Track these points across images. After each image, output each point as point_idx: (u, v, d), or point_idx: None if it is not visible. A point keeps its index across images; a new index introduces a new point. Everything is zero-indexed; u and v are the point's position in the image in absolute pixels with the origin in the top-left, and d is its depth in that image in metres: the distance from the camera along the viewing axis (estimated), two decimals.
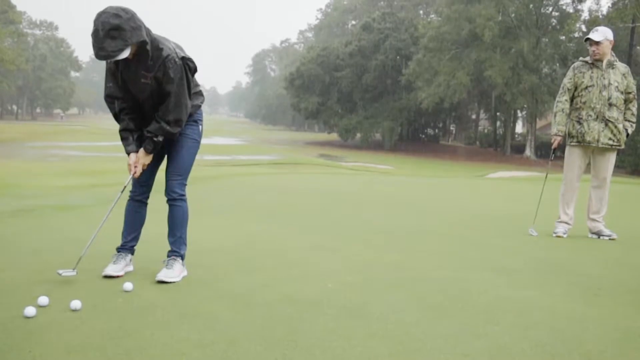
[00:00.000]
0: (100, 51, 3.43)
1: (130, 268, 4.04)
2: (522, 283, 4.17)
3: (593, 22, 48.45)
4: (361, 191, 11.24)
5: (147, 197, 4.09)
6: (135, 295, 3.53)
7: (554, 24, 56.01)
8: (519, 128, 70.56)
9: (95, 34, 3.42)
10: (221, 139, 58.41)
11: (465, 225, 6.99)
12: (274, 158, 33.79)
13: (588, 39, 6.42)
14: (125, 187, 3.99)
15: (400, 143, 62.10)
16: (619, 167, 47.55)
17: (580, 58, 6.66)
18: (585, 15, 56.02)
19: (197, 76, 4.00)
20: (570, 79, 6.49)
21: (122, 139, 3.89)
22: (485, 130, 71.50)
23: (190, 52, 3.93)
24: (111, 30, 3.40)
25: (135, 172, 3.86)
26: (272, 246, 5.21)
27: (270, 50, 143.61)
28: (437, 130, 73.16)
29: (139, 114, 3.88)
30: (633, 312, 3.58)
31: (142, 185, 4.04)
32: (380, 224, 6.84)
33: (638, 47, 57.64)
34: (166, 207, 4.03)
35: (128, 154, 3.87)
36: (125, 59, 3.62)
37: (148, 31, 3.62)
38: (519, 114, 64.23)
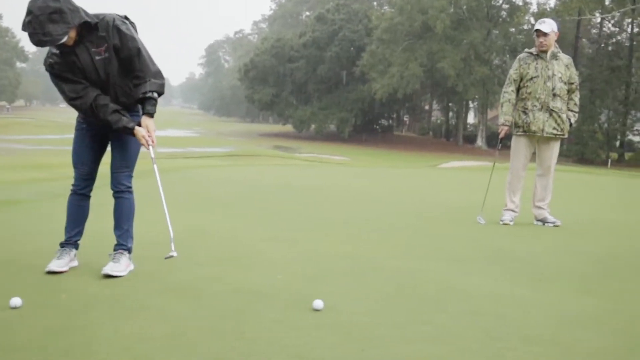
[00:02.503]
0: (44, 37, 3.35)
1: (75, 263, 3.96)
2: (469, 270, 4.26)
3: (541, 15, 49.49)
4: (316, 182, 11.25)
5: (90, 191, 4.00)
6: (80, 291, 3.45)
7: (504, 16, 57.08)
8: (471, 118, 71.72)
9: (35, 20, 3.33)
10: (175, 131, 57.66)
11: (416, 214, 7.08)
12: (228, 150, 33.56)
13: (538, 30, 6.52)
14: (154, 159, 3.86)
15: (354, 134, 62.40)
16: (566, 156, 48.89)
17: (525, 49, 6.80)
18: (533, 8, 57.25)
19: None
20: (516, 70, 6.62)
21: (116, 121, 3.70)
22: (438, 121, 72.50)
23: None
24: (52, 14, 3.33)
25: (153, 142, 3.78)
26: (224, 238, 5.17)
27: (224, 41, 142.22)
28: (391, 121, 73.74)
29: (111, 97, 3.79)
30: (573, 296, 3.69)
31: (85, 178, 3.95)
32: (334, 214, 6.87)
33: (584, 40, 59.20)
34: (110, 200, 3.96)
35: (131, 131, 3.74)
36: (73, 49, 3.56)
37: (84, 11, 3.57)
38: (471, 105, 65.25)
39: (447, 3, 51.47)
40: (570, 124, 6.68)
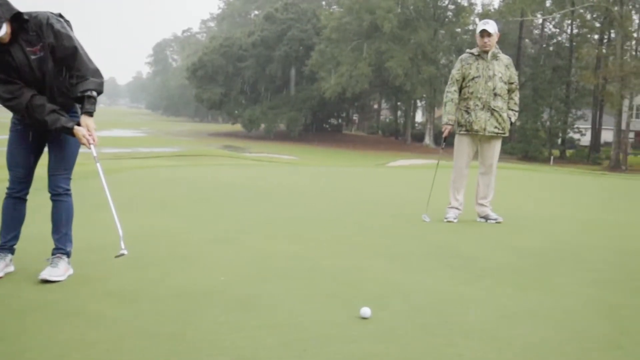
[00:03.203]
0: None
1: (11, 268, 3.83)
2: (412, 268, 4.31)
3: (485, 15, 50.60)
4: (264, 182, 11.21)
5: (27, 194, 3.88)
6: (15, 297, 3.35)
7: (450, 16, 58.08)
8: (419, 117, 72.75)
9: None
10: (121, 131, 56.56)
11: (362, 213, 7.13)
12: (176, 150, 33.10)
13: (484, 30, 6.62)
14: (96, 158, 3.75)
15: (304, 133, 62.48)
16: (510, 154, 50.10)
17: (467, 50, 6.93)
18: (478, 8, 58.49)
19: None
20: (458, 70, 6.73)
21: (54, 121, 3.60)
22: (387, 120, 73.31)
23: (86, 41, 3.82)
24: None
25: (95, 141, 3.66)
26: (167, 240, 5.10)
27: (172, 40, 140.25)
28: (340, 120, 74.15)
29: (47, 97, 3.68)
30: (512, 291, 3.79)
31: (20, 181, 3.83)
32: (280, 214, 6.85)
33: (527, 40, 60.75)
34: (48, 202, 3.85)
35: (70, 131, 3.64)
36: (7, 48, 3.45)
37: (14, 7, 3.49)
38: (419, 104, 66.23)
39: (394, 3, 52.05)
40: (511, 123, 6.85)
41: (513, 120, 6.83)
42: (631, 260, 4.88)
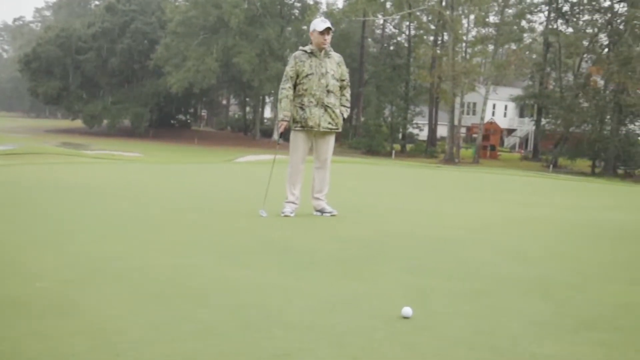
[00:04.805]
0: None
1: None
2: (241, 263, 4.33)
3: (330, 14, 52.14)
4: (99, 180, 10.70)
5: None
6: None
7: (296, 14, 59.07)
8: (268, 113, 73.29)
9: None
10: None
11: (198, 209, 7.05)
12: (7, 148, 30.63)
13: (329, 28, 6.75)
14: None
15: (151, 129, 60.58)
16: (355, 148, 52.09)
17: (300, 47, 7.07)
18: (323, 7, 60.05)
19: None
20: (292, 67, 6.85)
21: None
22: (236, 116, 73.09)
23: None
24: None
25: None
26: None
27: (2, 29, 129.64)
28: (188, 116, 72.77)
29: None
30: (335, 282, 3.93)
31: None
32: (113, 214, 6.57)
33: (369, 39, 63.36)
34: None
35: None
36: None
37: None
38: (267, 100, 66.74)
39: None
40: (344, 119, 7.10)
41: (345, 116, 7.08)
42: (447, 248, 5.25)
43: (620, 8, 50.51)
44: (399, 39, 62.47)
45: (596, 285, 4.09)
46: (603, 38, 52.95)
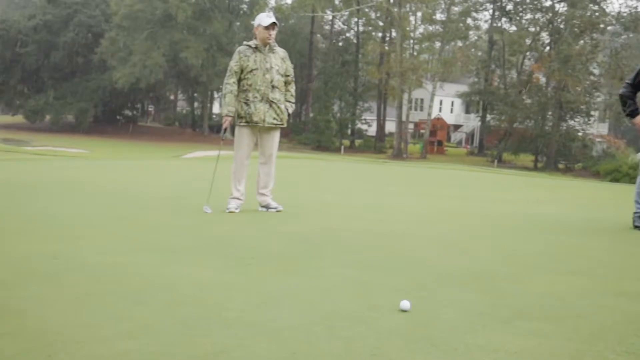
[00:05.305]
0: None
1: None
2: (181, 260, 4.28)
3: (278, 10, 52.01)
4: (39, 177, 10.40)
5: None
6: None
7: (245, 9, 58.65)
8: (216, 108, 72.57)
9: None
10: None
11: (140, 207, 6.93)
12: None
13: (274, 23, 6.72)
14: None
15: (96, 125, 59.23)
16: (305, 144, 52.11)
17: (244, 42, 7.03)
18: (272, 2, 59.76)
19: None
20: (237, 62, 6.79)
21: None
22: (184, 111, 72.11)
23: None
24: None
25: None
26: None
27: None
28: (135, 112, 71.40)
29: None
30: (276, 276, 3.92)
31: None
32: (51, 212, 6.39)
33: (318, 35, 63.42)
34: None
35: None
36: None
37: None
38: (216, 95, 66.08)
39: None
40: (289, 114, 7.09)
41: (290, 111, 7.07)
42: (388, 242, 5.32)
43: (561, 8, 52.11)
44: (347, 35, 62.78)
45: (529, 276, 4.20)
46: (545, 37, 54.59)
